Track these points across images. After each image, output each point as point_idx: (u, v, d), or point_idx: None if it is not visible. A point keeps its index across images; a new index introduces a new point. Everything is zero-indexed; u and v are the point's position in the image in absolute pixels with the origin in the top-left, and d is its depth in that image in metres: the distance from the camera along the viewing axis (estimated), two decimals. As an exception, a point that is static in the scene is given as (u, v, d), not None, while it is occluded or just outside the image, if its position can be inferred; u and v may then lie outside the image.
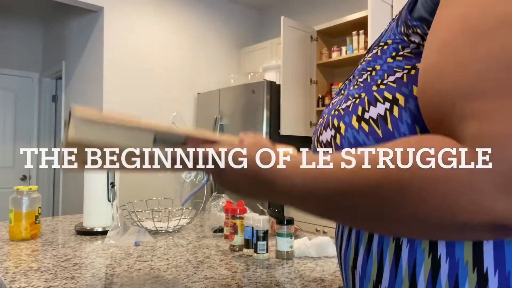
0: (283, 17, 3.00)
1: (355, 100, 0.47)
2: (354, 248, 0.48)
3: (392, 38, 0.48)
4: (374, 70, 0.47)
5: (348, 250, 0.50)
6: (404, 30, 0.45)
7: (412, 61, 0.43)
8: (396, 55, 0.45)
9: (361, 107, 0.45)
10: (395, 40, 0.47)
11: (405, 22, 0.46)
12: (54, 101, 4.47)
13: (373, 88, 0.45)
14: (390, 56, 0.46)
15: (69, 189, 3.68)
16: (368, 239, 0.46)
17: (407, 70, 0.43)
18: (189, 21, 3.64)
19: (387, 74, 0.45)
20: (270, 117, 2.95)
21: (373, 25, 2.60)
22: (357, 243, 0.48)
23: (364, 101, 0.45)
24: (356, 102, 0.46)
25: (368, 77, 0.47)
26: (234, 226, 1.19)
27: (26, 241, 1.25)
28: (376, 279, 0.45)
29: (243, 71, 3.96)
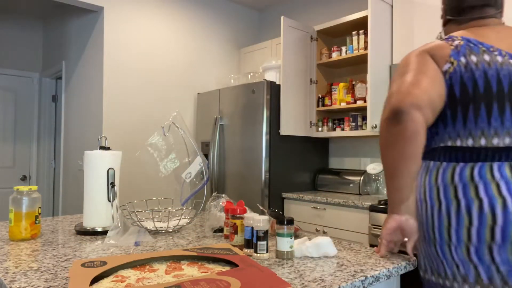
0: (283, 17, 3.00)
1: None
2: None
3: None
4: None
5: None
6: None
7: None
8: None
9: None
10: None
11: None
12: (54, 101, 4.47)
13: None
14: None
15: (69, 189, 3.68)
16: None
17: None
18: (189, 21, 3.65)
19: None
20: (270, 117, 2.95)
21: (373, 25, 2.60)
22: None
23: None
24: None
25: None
26: (234, 226, 1.19)
27: (26, 241, 1.25)
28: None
29: (243, 71, 3.96)
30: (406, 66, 1.04)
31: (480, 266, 0.96)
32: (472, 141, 1.00)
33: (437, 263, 1.03)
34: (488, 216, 0.94)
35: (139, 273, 0.89)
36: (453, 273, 1.00)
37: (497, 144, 0.98)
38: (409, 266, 1.08)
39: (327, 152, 3.44)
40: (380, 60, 2.65)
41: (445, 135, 1.04)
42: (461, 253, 0.97)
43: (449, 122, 1.03)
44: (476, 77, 0.99)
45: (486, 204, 0.95)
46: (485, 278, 0.95)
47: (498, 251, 0.93)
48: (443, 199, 1.00)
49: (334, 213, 2.64)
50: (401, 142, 0.96)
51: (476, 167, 0.98)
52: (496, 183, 0.95)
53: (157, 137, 1.55)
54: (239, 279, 0.80)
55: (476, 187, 0.96)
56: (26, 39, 4.41)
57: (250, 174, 2.99)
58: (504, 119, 0.98)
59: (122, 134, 3.19)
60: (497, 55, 1.01)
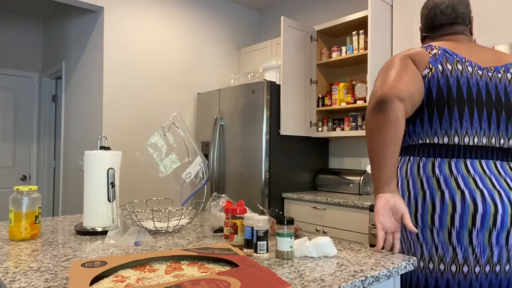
0: (283, 17, 3.00)
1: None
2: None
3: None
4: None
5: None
6: None
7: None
8: None
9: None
10: None
11: None
12: (54, 101, 4.47)
13: None
14: None
15: (69, 189, 3.68)
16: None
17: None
18: (189, 21, 3.65)
19: None
20: (270, 117, 2.95)
21: (373, 25, 2.60)
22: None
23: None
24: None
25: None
26: (234, 226, 1.19)
27: (26, 241, 1.25)
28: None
29: (243, 71, 3.96)
30: (390, 65, 1.16)
31: (458, 248, 1.10)
32: (447, 139, 1.15)
33: (415, 246, 1.17)
34: (470, 206, 1.09)
35: (139, 273, 0.89)
36: (431, 254, 1.13)
37: (467, 143, 1.14)
38: (409, 266, 1.08)
39: (327, 152, 3.44)
40: (380, 60, 2.65)
41: (422, 133, 1.18)
42: (442, 236, 1.11)
43: (426, 121, 1.17)
44: (450, 83, 1.15)
45: (468, 195, 1.10)
46: (461, 259, 1.10)
47: (476, 236, 1.09)
48: (427, 189, 1.14)
49: (334, 213, 2.64)
50: (386, 128, 1.08)
51: (452, 162, 1.14)
52: (472, 177, 1.12)
53: (157, 137, 1.55)
54: (239, 279, 0.80)
55: (456, 179, 1.12)
56: (26, 39, 4.41)
57: (250, 174, 2.98)
58: (473, 121, 1.14)
59: (122, 134, 3.19)
60: (468, 65, 1.17)
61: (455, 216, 1.09)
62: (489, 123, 1.15)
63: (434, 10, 1.28)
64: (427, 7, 1.31)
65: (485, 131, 1.15)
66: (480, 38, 2.23)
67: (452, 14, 1.25)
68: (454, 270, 1.10)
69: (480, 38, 2.23)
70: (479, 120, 1.15)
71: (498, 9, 2.18)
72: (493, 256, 1.09)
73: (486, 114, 1.15)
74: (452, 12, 1.25)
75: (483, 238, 1.09)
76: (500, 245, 1.09)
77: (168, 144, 1.55)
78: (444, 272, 1.11)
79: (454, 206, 1.10)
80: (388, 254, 1.16)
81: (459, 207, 1.09)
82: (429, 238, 1.13)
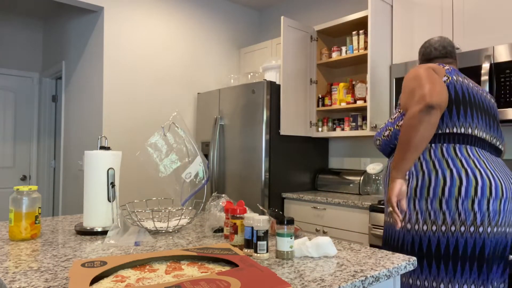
0: (283, 17, 3.00)
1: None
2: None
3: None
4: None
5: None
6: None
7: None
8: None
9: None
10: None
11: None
12: (54, 101, 4.47)
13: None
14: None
15: (69, 189, 3.68)
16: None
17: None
18: (189, 21, 3.65)
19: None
20: (270, 117, 2.95)
21: (373, 25, 2.60)
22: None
23: None
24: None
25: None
26: (234, 226, 1.19)
27: (26, 241, 1.26)
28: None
29: (243, 71, 3.96)
30: (422, 76, 1.46)
31: (448, 213, 1.42)
32: (463, 129, 1.49)
33: (423, 213, 1.46)
34: (473, 180, 1.41)
35: (139, 273, 0.89)
36: (425, 218, 1.46)
37: (471, 133, 1.49)
38: (409, 266, 1.08)
39: (327, 152, 3.44)
40: (380, 60, 2.65)
41: (443, 126, 1.49)
42: (451, 204, 1.42)
43: (446, 115, 1.49)
44: (463, 89, 1.51)
45: (470, 172, 1.42)
46: (449, 221, 1.41)
47: (478, 203, 1.39)
48: (439, 168, 1.46)
49: (334, 213, 2.64)
50: (427, 127, 1.39)
51: (456, 146, 1.48)
52: (472, 159, 1.45)
53: (157, 137, 1.55)
54: (239, 279, 0.80)
55: (461, 160, 1.45)
56: (26, 39, 4.41)
57: (250, 174, 2.99)
58: (473, 117, 1.50)
59: (122, 134, 3.19)
60: (469, 81, 1.57)
61: (461, 188, 1.41)
62: (485, 122, 1.52)
63: (429, 48, 1.71)
64: (424, 46, 1.73)
65: (484, 128, 1.52)
66: (480, 38, 2.23)
67: (443, 50, 1.68)
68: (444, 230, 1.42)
69: (480, 38, 2.23)
70: (479, 119, 1.51)
71: (498, 9, 2.18)
72: (476, 219, 1.40)
73: (484, 116, 1.53)
74: (443, 49, 1.68)
75: (480, 204, 1.40)
76: (482, 211, 1.39)
77: (168, 144, 1.55)
78: (435, 232, 1.43)
79: (461, 180, 1.41)
80: (388, 254, 1.16)
81: (465, 180, 1.41)
82: (437, 206, 1.43)
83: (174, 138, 1.55)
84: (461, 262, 1.39)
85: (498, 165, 1.50)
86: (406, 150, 1.41)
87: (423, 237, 1.45)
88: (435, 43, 1.70)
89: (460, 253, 1.39)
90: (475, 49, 2.19)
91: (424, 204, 1.45)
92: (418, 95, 1.41)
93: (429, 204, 1.44)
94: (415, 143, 1.39)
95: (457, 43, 2.33)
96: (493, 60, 2.10)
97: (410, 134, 1.40)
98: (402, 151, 1.43)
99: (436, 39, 1.71)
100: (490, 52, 2.12)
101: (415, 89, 1.44)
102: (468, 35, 2.29)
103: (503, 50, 2.08)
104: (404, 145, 1.41)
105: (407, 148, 1.41)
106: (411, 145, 1.40)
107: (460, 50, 2.31)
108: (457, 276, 1.40)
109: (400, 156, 1.43)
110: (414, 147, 1.40)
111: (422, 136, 1.38)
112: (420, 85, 1.43)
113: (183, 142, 1.55)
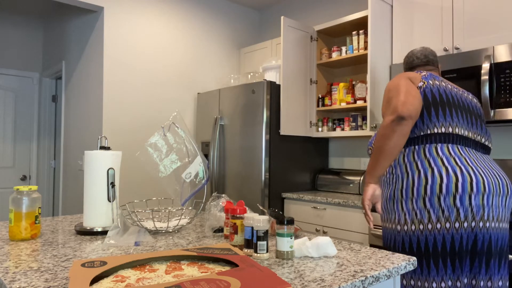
0: (283, 17, 3.00)
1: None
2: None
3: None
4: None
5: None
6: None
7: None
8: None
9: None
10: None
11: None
12: (54, 101, 4.47)
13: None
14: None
15: (69, 189, 3.68)
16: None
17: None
18: (189, 21, 3.65)
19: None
20: (270, 117, 2.95)
21: (373, 25, 2.60)
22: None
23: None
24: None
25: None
26: (234, 226, 1.19)
27: (26, 241, 1.26)
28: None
29: (243, 71, 3.96)
30: (398, 86, 1.56)
31: (432, 211, 1.45)
32: (443, 129, 1.55)
33: (410, 214, 1.50)
34: (453, 176, 1.45)
35: (139, 273, 0.89)
36: (412, 218, 1.50)
37: (451, 132, 1.55)
38: (409, 266, 1.08)
39: (327, 152, 3.44)
40: (380, 60, 2.65)
41: (423, 127, 1.55)
42: (434, 202, 1.45)
43: (425, 117, 1.55)
44: (440, 91, 1.59)
45: (450, 169, 1.46)
46: (434, 218, 1.44)
47: (460, 199, 1.43)
48: (421, 168, 1.51)
49: (334, 213, 2.64)
50: (398, 137, 1.48)
51: (438, 146, 1.53)
52: (453, 157, 1.49)
53: (157, 137, 1.55)
54: (239, 279, 0.80)
55: (442, 159, 1.49)
56: (26, 39, 4.41)
57: (250, 174, 2.99)
58: (453, 116, 1.56)
59: (122, 134, 3.19)
60: (447, 83, 1.64)
61: (442, 186, 1.45)
62: (466, 121, 1.58)
63: (412, 57, 1.84)
64: (407, 56, 1.86)
65: (466, 126, 1.57)
66: (480, 38, 2.23)
67: (424, 58, 1.80)
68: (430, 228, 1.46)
69: (480, 38, 2.23)
70: (459, 117, 1.58)
71: (498, 9, 2.18)
72: (460, 215, 1.43)
73: (466, 115, 1.59)
74: (424, 57, 1.80)
75: (462, 200, 1.44)
76: (464, 206, 1.43)
77: (168, 144, 1.55)
78: (423, 230, 1.46)
79: (441, 177, 1.45)
80: (388, 254, 1.16)
81: (445, 178, 1.45)
82: (422, 205, 1.47)
83: (174, 138, 1.55)
84: (451, 259, 1.42)
85: (483, 162, 1.53)
86: (379, 157, 1.51)
87: (412, 237, 1.48)
88: (417, 53, 1.82)
89: (448, 249, 1.42)
90: (475, 49, 2.19)
91: (410, 204, 1.48)
92: (392, 106, 1.50)
93: (415, 204, 1.48)
94: (388, 150, 1.48)
95: (457, 43, 2.33)
96: (493, 60, 2.10)
97: (383, 142, 1.49)
98: (376, 157, 1.52)
99: (418, 49, 1.84)
100: (490, 52, 2.12)
101: (391, 99, 1.53)
102: (468, 35, 2.28)
103: (503, 50, 2.08)
104: (378, 152, 1.51)
105: (380, 155, 1.51)
106: (384, 152, 1.50)
107: (460, 50, 2.31)
108: (449, 273, 1.42)
109: (374, 163, 1.53)
110: (386, 155, 1.49)
111: (395, 144, 1.47)
112: (395, 96, 1.52)
113: (183, 142, 1.55)
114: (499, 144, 2.48)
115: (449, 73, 2.28)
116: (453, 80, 2.26)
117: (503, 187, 1.49)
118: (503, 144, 2.47)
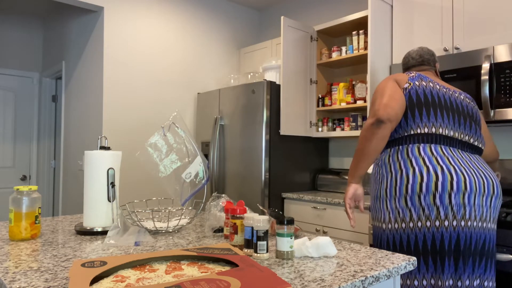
0: (283, 17, 3.00)
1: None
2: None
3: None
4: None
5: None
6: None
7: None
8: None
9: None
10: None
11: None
12: (54, 101, 4.47)
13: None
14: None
15: (69, 189, 3.68)
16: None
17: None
18: (189, 21, 3.65)
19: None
20: (270, 117, 2.95)
21: (373, 25, 2.60)
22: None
23: None
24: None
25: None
26: (234, 226, 1.19)
27: (26, 241, 1.26)
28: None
29: (243, 71, 3.96)
30: (384, 89, 1.60)
31: (413, 209, 1.48)
32: (426, 129, 1.56)
33: (393, 212, 1.53)
34: (433, 175, 1.46)
35: (139, 273, 0.89)
36: (402, 216, 1.52)
37: (441, 133, 1.56)
38: (409, 266, 1.08)
39: (327, 152, 3.44)
40: (380, 60, 2.65)
41: (407, 127, 1.58)
42: (414, 200, 1.47)
43: (409, 117, 1.58)
44: (426, 92, 1.61)
45: (431, 169, 1.47)
46: (416, 217, 1.47)
47: (439, 198, 1.44)
48: (404, 168, 1.53)
49: (334, 213, 2.64)
50: (377, 140, 1.52)
51: (421, 146, 1.55)
52: (435, 157, 1.51)
53: (157, 137, 1.55)
54: (239, 279, 0.80)
55: (424, 159, 1.51)
56: (26, 39, 4.41)
57: (250, 174, 2.98)
58: (437, 117, 1.58)
59: (122, 134, 3.19)
60: (436, 84, 1.65)
61: (422, 184, 1.47)
62: (453, 121, 1.59)
63: (408, 58, 1.86)
64: (404, 57, 1.88)
65: (452, 126, 1.58)
66: (480, 38, 2.23)
67: (419, 59, 1.81)
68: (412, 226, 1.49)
69: (480, 38, 2.23)
70: (444, 118, 1.58)
71: (498, 9, 2.18)
72: (440, 213, 1.45)
73: (453, 115, 1.59)
74: (419, 57, 1.81)
75: (442, 199, 1.45)
76: (444, 205, 1.44)
77: (168, 144, 1.55)
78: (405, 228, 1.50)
79: (422, 177, 1.48)
80: (388, 254, 1.16)
81: (426, 177, 1.47)
82: (417, 202, 1.48)
83: (174, 138, 1.55)
84: (432, 257, 1.43)
85: (469, 162, 1.53)
86: (359, 158, 1.57)
87: (395, 235, 1.51)
88: (413, 53, 1.85)
89: (430, 247, 1.44)
90: (475, 49, 2.19)
91: (394, 203, 1.52)
92: (373, 109, 1.56)
93: (397, 203, 1.51)
94: (368, 153, 1.54)
95: (457, 43, 2.33)
96: (493, 60, 2.10)
97: (363, 144, 1.55)
98: (357, 159, 1.58)
99: (415, 49, 1.85)
100: (490, 52, 2.12)
101: (375, 101, 1.59)
102: (468, 35, 2.28)
103: (503, 50, 2.08)
104: (358, 153, 1.57)
105: (360, 156, 1.57)
106: (364, 154, 1.55)
107: (460, 50, 2.31)
108: (431, 271, 1.43)
109: (355, 163, 1.59)
110: (366, 156, 1.55)
111: (374, 146, 1.53)
112: (378, 98, 1.58)
113: (183, 142, 1.55)
114: (499, 144, 2.48)
115: (449, 73, 2.28)
116: (453, 80, 2.26)
117: (488, 187, 1.48)
118: (503, 144, 2.47)
